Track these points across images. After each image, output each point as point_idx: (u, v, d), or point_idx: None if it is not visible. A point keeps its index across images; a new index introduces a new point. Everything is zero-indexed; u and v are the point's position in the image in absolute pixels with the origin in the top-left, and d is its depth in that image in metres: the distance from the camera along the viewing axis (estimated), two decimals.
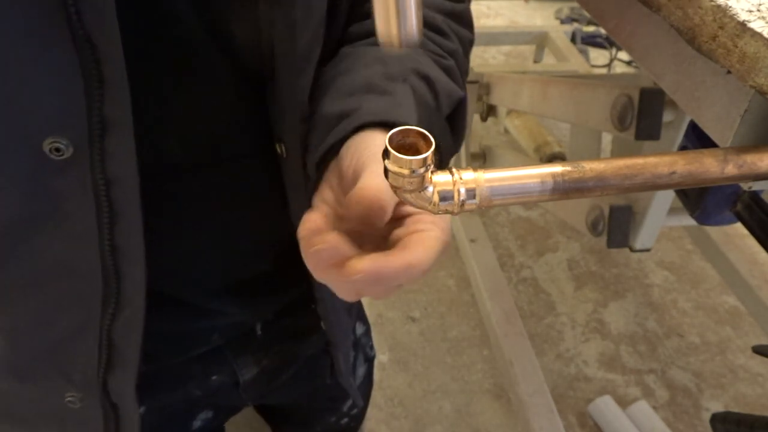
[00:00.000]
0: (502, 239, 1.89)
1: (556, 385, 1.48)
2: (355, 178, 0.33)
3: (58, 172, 0.35)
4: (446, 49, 0.45)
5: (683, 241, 1.90)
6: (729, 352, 1.57)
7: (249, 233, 0.51)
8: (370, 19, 0.45)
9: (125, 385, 0.47)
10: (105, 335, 0.43)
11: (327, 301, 0.55)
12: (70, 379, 0.46)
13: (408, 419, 1.41)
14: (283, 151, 0.44)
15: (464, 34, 0.49)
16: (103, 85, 0.32)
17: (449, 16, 0.48)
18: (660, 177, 0.27)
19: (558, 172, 0.26)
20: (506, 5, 3.26)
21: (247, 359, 0.60)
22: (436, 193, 0.26)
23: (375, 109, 0.36)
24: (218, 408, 0.63)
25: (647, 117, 0.91)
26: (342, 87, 0.40)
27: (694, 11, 0.38)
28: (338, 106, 0.39)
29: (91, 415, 0.48)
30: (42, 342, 0.44)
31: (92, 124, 0.33)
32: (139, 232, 0.39)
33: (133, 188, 0.37)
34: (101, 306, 0.41)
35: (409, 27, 0.23)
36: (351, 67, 0.42)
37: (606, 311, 1.68)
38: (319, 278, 0.33)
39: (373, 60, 0.42)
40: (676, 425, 1.41)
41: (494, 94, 1.60)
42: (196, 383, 0.58)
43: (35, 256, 0.39)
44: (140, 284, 0.41)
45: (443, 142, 0.39)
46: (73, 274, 0.40)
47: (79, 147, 0.34)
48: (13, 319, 0.43)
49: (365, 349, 0.76)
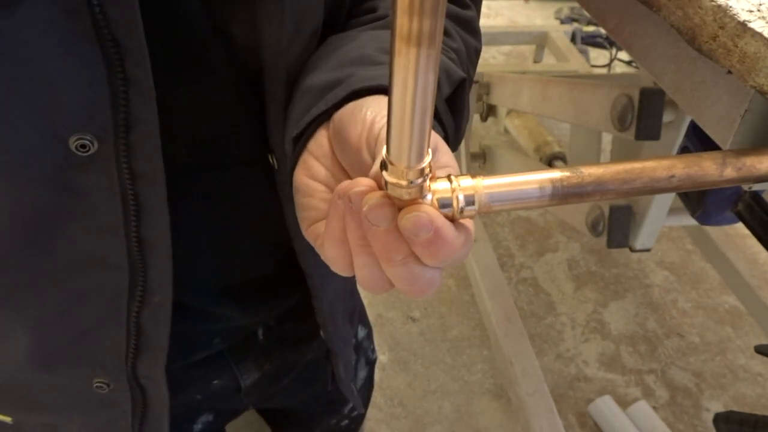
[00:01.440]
0: (502, 239, 1.89)
1: (556, 385, 1.48)
2: (371, 148, 0.30)
3: (83, 168, 0.35)
4: (449, 47, 0.44)
5: (683, 241, 1.89)
6: (729, 352, 1.57)
7: (250, 237, 0.51)
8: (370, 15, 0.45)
9: (155, 368, 0.47)
10: (133, 322, 0.43)
11: (325, 310, 0.55)
12: (98, 366, 0.46)
13: (408, 419, 1.41)
14: (275, 163, 0.43)
15: (470, 41, 0.48)
16: (127, 82, 0.32)
17: (454, 21, 0.47)
18: (659, 181, 0.27)
19: (557, 177, 0.26)
20: (506, 5, 3.26)
21: (249, 364, 0.60)
22: (435, 201, 0.26)
23: (370, 76, 0.34)
24: (219, 412, 0.63)
25: (647, 117, 0.91)
26: (331, 62, 0.38)
27: (694, 11, 0.37)
28: (328, 76, 0.36)
29: (120, 398, 0.48)
30: (69, 331, 0.45)
31: (117, 120, 0.33)
32: (165, 225, 0.39)
33: (159, 182, 0.37)
34: (128, 295, 0.42)
35: (418, 153, 0.24)
36: (342, 46, 0.40)
37: (606, 311, 1.68)
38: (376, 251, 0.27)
39: (367, 38, 0.40)
40: (676, 425, 1.41)
41: (494, 94, 1.60)
42: (197, 388, 0.58)
43: (62, 249, 0.39)
44: (167, 273, 0.42)
45: (446, 122, 0.37)
46: (99, 266, 0.40)
47: (104, 143, 0.34)
48: (40, 309, 0.43)
49: (367, 353, 0.76)
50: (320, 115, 0.34)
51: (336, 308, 0.58)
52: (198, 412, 0.61)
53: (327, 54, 0.39)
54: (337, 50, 0.39)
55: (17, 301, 0.43)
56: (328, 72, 0.36)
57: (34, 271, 0.41)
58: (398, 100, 0.22)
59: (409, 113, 0.22)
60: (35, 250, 0.39)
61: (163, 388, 0.48)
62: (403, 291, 0.28)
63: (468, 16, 0.48)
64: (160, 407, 0.50)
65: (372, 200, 0.25)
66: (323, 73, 0.36)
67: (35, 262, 0.40)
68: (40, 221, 0.38)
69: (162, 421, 0.51)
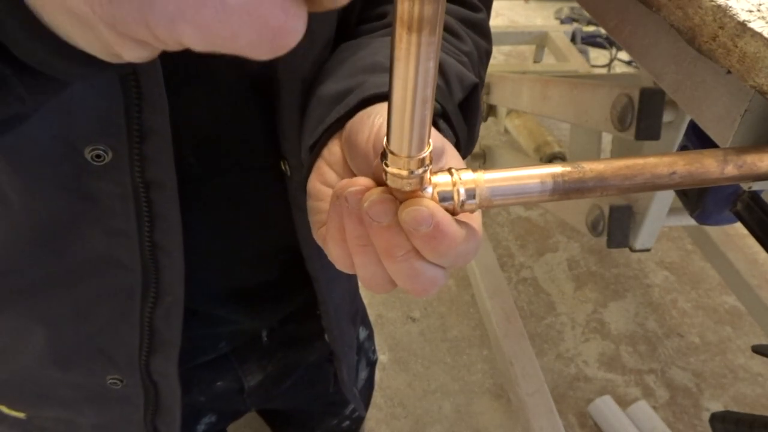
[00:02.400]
0: (502, 239, 1.89)
1: (556, 385, 1.48)
2: (378, 152, 0.30)
3: (98, 176, 0.36)
4: (460, 50, 0.44)
5: (683, 241, 1.90)
6: (729, 352, 1.57)
7: (257, 241, 0.51)
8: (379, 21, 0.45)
9: (167, 365, 0.48)
10: (146, 322, 0.45)
11: (331, 314, 0.55)
12: (112, 363, 0.48)
13: (408, 419, 1.41)
14: (287, 170, 0.44)
15: (480, 43, 0.48)
16: (141, 95, 0.33)
17: (464, 23, 0.47)
18: (660, 177, 0.27)
19: (558, 172, 0.26)
20: (506, 5, 3.26)
21: (252, 365, 0.60)
22: (435, 194, 0.26)
23: (380, 83, 0.34)
24: (221, 413, 0.63)
25: (647, 117, 0.91)
26: (344, 70, 0.38)
27: (694, 11, 0.38)
28: (340, 85, 0.36)
29: (133, 393, 0.50)
30: (84, 330, 0.46)
31: (131, 131, 0.34)
32: (177, 230, 0.40)
33: (171, 189, 0.38)
34: (141, 296, 0.43)
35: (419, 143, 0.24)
36: (354, 53, 0.40)
37: (606, 311, 1.68)
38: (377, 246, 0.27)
39: (379, 45, 0.40)
40: (676, 425, 1.41)
41: (494, 94, 1.60)
42: (200, 389, 0.58)
43: (77, 252, 0.41)
44: (179, 275, 0.43)
45: (458, 127, 0.37)
46: (113, 269, 0.42)
47: (118, 153, 0.35)
48: (56, 309, 0.45)
49: (368, 354, 0.77)
50: (333, 124, 0.35)
51: (341, 312, 0.58)
52: (201, 414, 0.61)
53: (340, 62, 0.40)
54: (349, 58, 0.39)
55: (34, 301, 0.44)
56: (341, 81, 0.37)
57: (50, 271, 0.42)
58: (399, 89, 0.22)
59: (410, 101, 0.22)
60: (52, 251, 0.41)
61: (175, 383, 0.50)
62: (406, 289, 0.28)
63: (478, 19, 0.48)
64: (173, 402, 0.51)
65: (373, 196, 0.26)
66: (336, 82, 0.37)
67: (52, 263, 0.41)
68: (56, 225, 0.39)
69: (174, 414, 0.52)
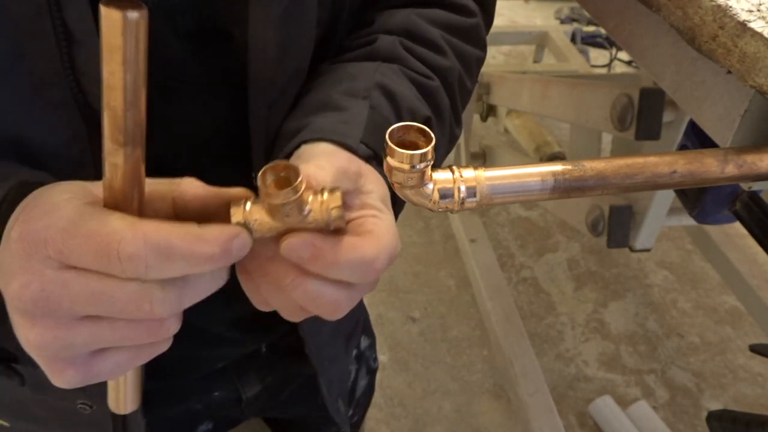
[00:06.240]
0: (502, 239, 1.89)
1: (556, 385, 1.48)
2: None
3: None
4: (435, 67, 0.44)
5: (683, 241, 1.90)
6: (729, 352, 1.57)
7: None
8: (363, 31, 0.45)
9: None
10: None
11: (305, 327, 0.54)
12: (81, 390, 0.47)
13: (408, 419, 1.41)
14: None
15: (469, 52, 0.47)
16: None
17: (452, 32, 0.46)
18: (660, 176, 0.27)
19: (559, 170, 0.27)
20: (506, 5, 3.26)
21: (251, 377, 0.60)
22: (436, 191, 0.26)
23: (320, 126, 0.36)
24: (218, 420, 0.63)
25: (647, 117, 0.91)
26: (303, 104, 0.41)
27: (694, 11, 0.38)
28: (294, 123, 0.39)
29: (101, 419, 0.50)
30: None
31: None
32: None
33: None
34: None
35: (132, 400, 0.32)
36: (319, 85, 0.42)
37: (606, 311, 1.68)
38: (258, 282, 0.31)
39: (343, 76, 0.41)
40: (676, 425, 1.41)
41: (494, 94, 1.60)
42: (198, 398, 0.58)
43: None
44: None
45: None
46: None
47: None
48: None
49: (368, 362, 0.76)
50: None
51: (318, 326, 0.57)
52: (198, 420, 0.61)
53: (306, 92, 0.42)
54: (310, 92, 0.41)
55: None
56: (295, 120, 0.39)
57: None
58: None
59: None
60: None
61: (139, 415, 0.50)
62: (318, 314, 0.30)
63: (469, 25, 0.47)
64: (138, 429, 0.51)
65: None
66: (293, 120, 0.40)
67: None
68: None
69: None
